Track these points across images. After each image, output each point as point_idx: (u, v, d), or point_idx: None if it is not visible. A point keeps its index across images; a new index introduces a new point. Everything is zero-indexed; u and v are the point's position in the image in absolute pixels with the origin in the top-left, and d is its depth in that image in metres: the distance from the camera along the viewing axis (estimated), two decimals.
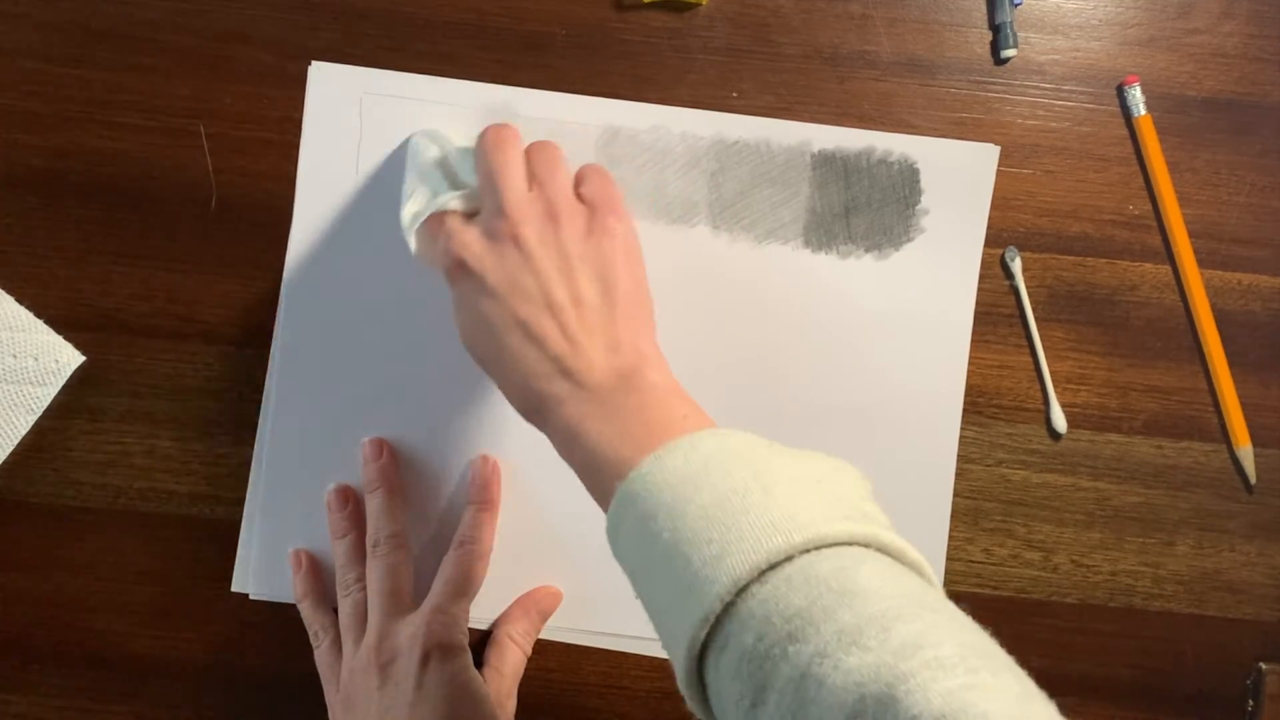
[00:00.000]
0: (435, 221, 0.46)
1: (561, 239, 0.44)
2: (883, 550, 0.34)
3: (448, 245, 0.44)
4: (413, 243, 0.47)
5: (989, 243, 0.53)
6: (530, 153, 0.46)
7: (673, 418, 0.40)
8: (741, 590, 0.33)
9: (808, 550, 0.33)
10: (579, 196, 0.45)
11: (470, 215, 0.46)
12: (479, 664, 0.50)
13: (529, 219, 0.44)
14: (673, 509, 0.35)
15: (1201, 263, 0.54)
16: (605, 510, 0.40)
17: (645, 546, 0.36)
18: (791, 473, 0.36)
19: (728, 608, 0.33)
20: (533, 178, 0.45)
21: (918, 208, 0.53)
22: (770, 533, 0.33)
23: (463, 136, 0.50)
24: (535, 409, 0.43)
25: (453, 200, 0.46)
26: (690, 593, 0.34)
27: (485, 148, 0.46)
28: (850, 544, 0.34)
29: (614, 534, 0.39)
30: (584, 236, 0.44)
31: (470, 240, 0.44)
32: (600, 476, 0.40)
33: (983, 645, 0.31)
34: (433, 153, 0.49)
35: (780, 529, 0.33)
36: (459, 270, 0.44)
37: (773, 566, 0.33)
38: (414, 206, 0.47)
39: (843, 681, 0.29)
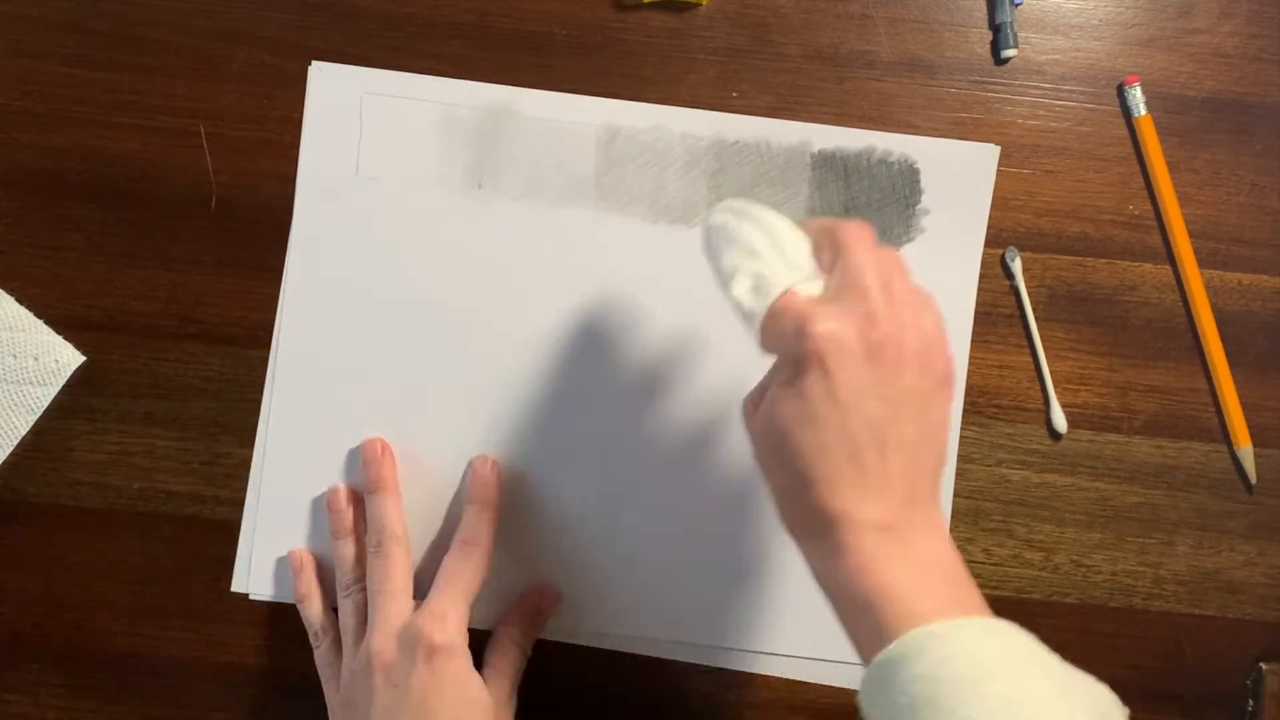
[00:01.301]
0: (786, 306, 0.42)
1: (917, 374, 0.41)
2: None
3: (812, 332, 0.40)
4: (750, 321, 0.43)
5: (989, 243, 0.53)
6: (883, 260, 0.42)
7: (969, 591, 0.40)
8: None
9: None
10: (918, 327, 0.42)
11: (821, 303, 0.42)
12: (479, 664, 0.50)
13: (898, 342, 0.40)
14: (964, 685, 0.35)
15: (1201, 263, 0.54)
16: (865, 654, 0.39)
17: (921, 708, 0.36)
18: (1077, 699, 0.37)
19: None
20: (889, 290, 0.41)
21: (918, 208, 0.53)
22: None
23: (774, 215, 0.44)
24: (821, 526, 0.40)
25: (804, 283, 0.42)
26: None
27: (854, 240, 0.42)
28: None
29: (880, 679, 0.38)
30: (937, 388, 0.41)
31: (842, 338, 0.40)
32: (878, 618, 0.38)
33: None
34: (754, 230, 0.44)
35: None
36: (815, 364, 0.40)
37: None
38: (748, 280, 0.43)
39: None
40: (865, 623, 0.39)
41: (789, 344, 0.41)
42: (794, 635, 0.53)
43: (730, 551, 0.53)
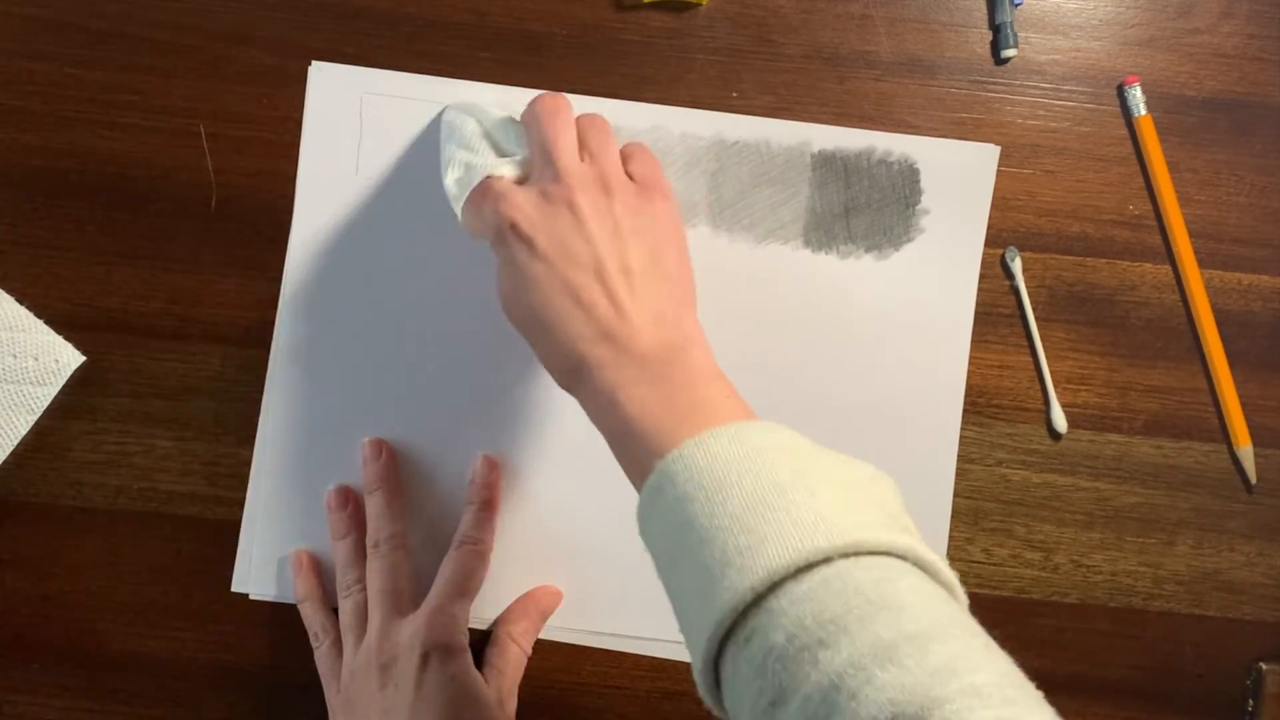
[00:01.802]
0: (482, 188, 0.46)
1: (614, 210, 0.44)
2: (918, 564, 0.34)
3: (499, 207, 0.44)
4: (458, 208, 0.47)
5: (989, 243, 0.53)
6: (581, 124, 0.46)
7: (716, 399, 0.40)
8: (775, 586, 0.33)
9: (847, 555, 0.33)
10: (628, 173, 0.46)
11: (518, 182, 0.46)
12: (479, 664, 0.50)
13: (584, 187, 0.44)
14: (713, 494, 0.35)
15: (1201, 263, 0.54)
16: (636, 483, 0.39)
17: (678, 529, 0.36)
18: (835, 475, 0.36)
19: (758, 601, 0.33)
20: (584, 148, 0.45)
21: (918, 208, 0.53)
22: (811, 532, 0.33)
23: (498, 108, 0.50)
24: (575, 372, 0.43)
25: (503, 166, 0.46)
26: (720, 580, 0.33)
27: (540, 114, 0.46)
28: (889, 554, 0.33)
29: (645, 511, 0.38)
30: (635, 211, 0.44)
31: (523, 203, 0.44)
32: (635, 446, 0.39)
33: (1017, 676, 0.30)
34: (471, 124, 0.49)
35: (822, 530, 0.33)
36: (510, 232, 0.44)
37: (810, 566, 0.33)
38: (458, 172, 0.47)
39: (876, 697, 0.29)
40: (631, 458, 0.40)
41: (489, 224, 0.45)
42: None
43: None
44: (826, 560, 0.33)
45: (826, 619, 0.31)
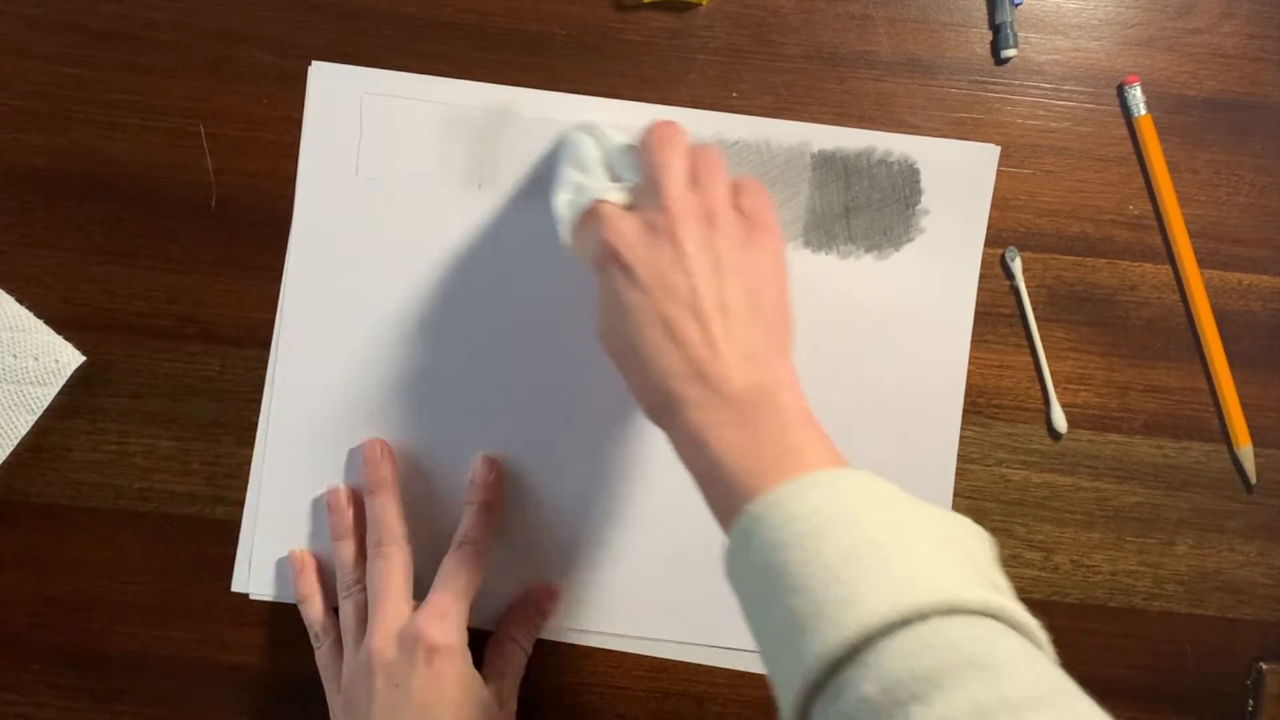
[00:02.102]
0: (590, 212, 0.46)
1: (717, 244, 0.43)
2: (1012, 624, 0.33)
3: (602, 233, 0.44)
4: (565, 230, 0.47)
5: (989, 243, 0.53)
6: (695, 154, 0.45)
7: (807, 445, 0.39)
8: (869, 640, 0.32)
9: (943, 613, 0.32)
10: (737, 207, 0.45)
11: (627, 209, 0.45)
12: (479, 664, 0.50)
13: (688, 219, 0.43)
14: (806, 543, 0.35)
15: (1201, 263, 0.54)
16: (723, 524, 0.39)
17: (768, 575, 0.35)
18: (931, 530, 0.36)
19: (851, 654, 0.32)
20: (694, 179, 0.45)
21: (918, 208, 0.53)
22: (908, 588, 0.33)
23: (620, 133, 0.49)
24: (664, 408, 0.42)
25: (612, 191, 0.46)
26: (813, 632, 0.33)
27: (651, 142, 0.45)
28: (984, 614, 0.33)
29: (734, 555, 0.38)
30: (739, 246, 0.43)
31: (626, 230, 0.43)
32: (724, 489, 0.39)
33: None
34: (589, 146, 0.49)
35: (918, 586, 0.33)
36: (610, 259, 0.43)
37: (905, 623, 0.32)
38: (569, 194, 0.47)
39: None
40: (719, 499, 0.40)
41: (592, 249, 0.44)
42: None
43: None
44: (923, 617, 0.32)
45: (921, 675, 0.31)
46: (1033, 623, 0.34)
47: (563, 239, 0.47)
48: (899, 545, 0.34)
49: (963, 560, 0.35)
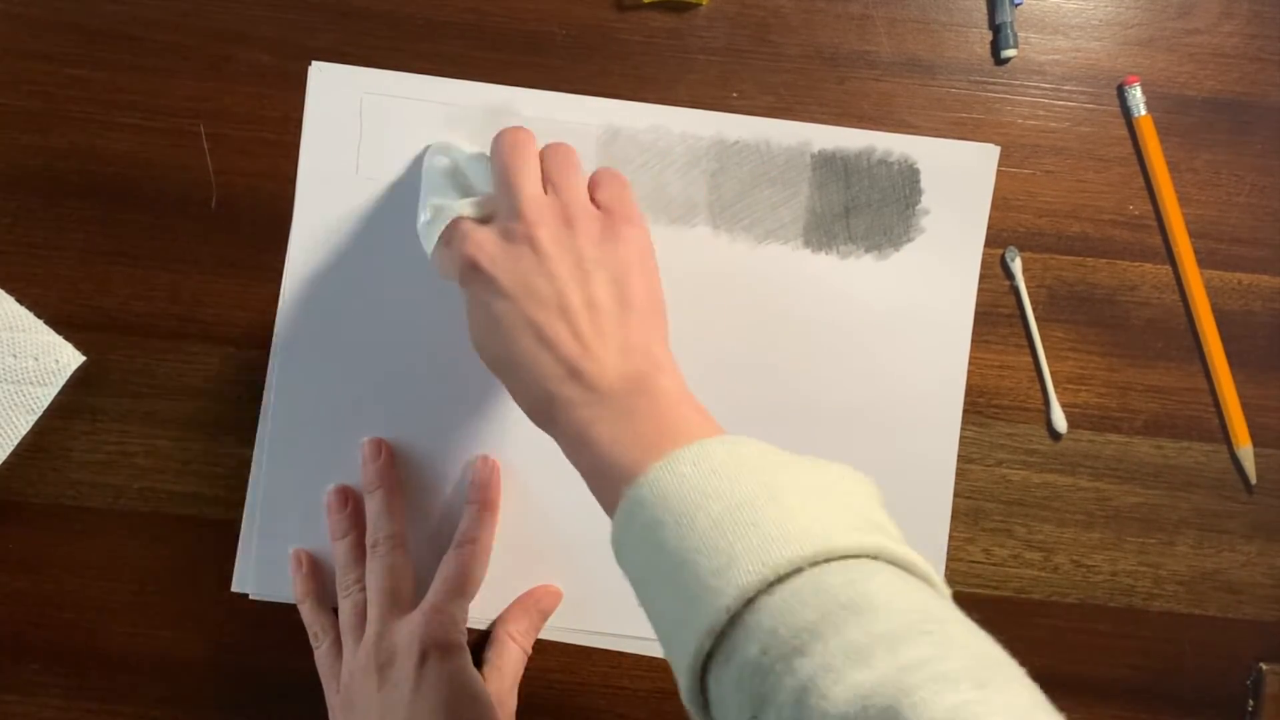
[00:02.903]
0: (449, 229, 0.46)
1: (577, 243, 0.43)
2: (892, 562, 0.34)
3: (462, 247, 0.44)
4: (428, 250, 0.47)
5: (989, 243, 0.53)
6: (545, 155, 0.46)
7: (684, 424, 0.40)
8: (749, 602, 0.33)
9: (817, 562, 0.33)
10: (594, 201, 0.45)
11: (484, 221, 0.46)
12: (479, 663, 0.50)
13: (544, 221, 0.43)
14: (681, 517, 0.35)
15: (1201, 263, 0.54)
16: (610, 514, 0.39)
17: (651, 555, 0.36)
18: (802, 482, 0.36)
19: (734, 619, 0.33)
20: (548, 180, 0.45)
21: (918, 208, 0.53)
22: (779, 544, 0.33)
23: (474, 144, 0.50)
24: (545, 412, 0.42)
25: (466, 206, 0.46)
26: (696, 603, 0.33)
27: (501, 149, 0.45)
28: (860, 556, 0.33)
29: (619, 540, 0.38)
30: (599, 241, 0.44)
31: (484, 241, 0.44)
32: (608, 481, 0.39)
33: (993, 656, 0.30)
34: (444, 163, 0.49)
35: (789, 541, 0.33)
36: (472, 272, 0.44)
37: (781, 579, 0.33)
38: (426, 215, 0.47)
39: (846, 695, 0.29)
40: (604, 492, 0.40)
41: (455, 265, 0.45)
42: None
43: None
44: (797, 571, 0.33)
45: (800, 627, 0.31)
46: (914, 557, 0.34)
47: (429, 259, 0.47)
48: (769, 504, 0.34)
49: (836, 507, 0.35)
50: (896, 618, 0.31)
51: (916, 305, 0.53)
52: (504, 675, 0.51)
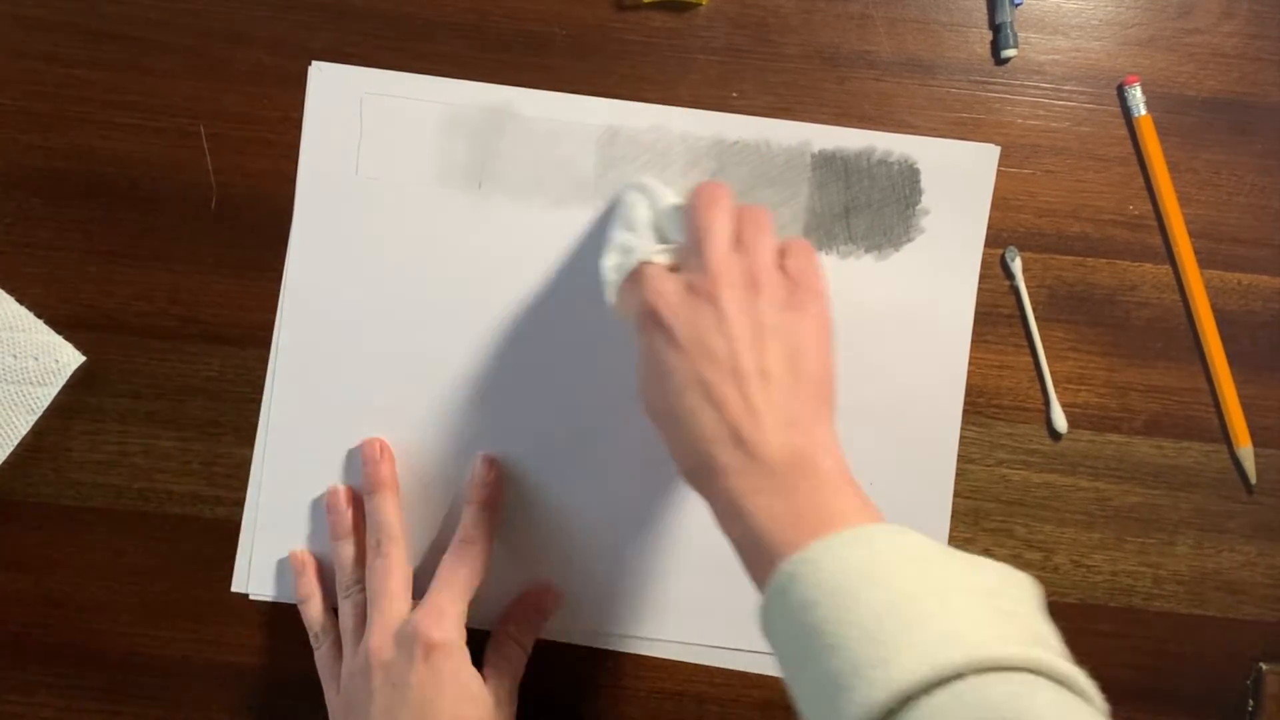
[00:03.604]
0: (636, 271, 0.45)
1: (759, 307, 0.42)
2: (1054, 678, 0.33)
3: (644, 293, 0.44)
4: (610, 292, 0.47)
5: (989, 243, 0.53)
6: (740, 215, 0.45)
7: (845, 507, 0.39)
8: (906, 700, 0.32)
9: (980, 671, 0.32)
10: (782, 268, 0.44)
11: (670, 270, 0.45)
12: (479, 664, 0.50)
13: (731, 282, 0.43)
14: (840, 601, 0.35)
15: (1201, 263, 0.54)
16: (759, 585, 0.39)
17: (803, 634, 0.35)
18: (966, 582, 0.35)
19: (888, 716, 0.32)
20: (739, 239, 0.44)
21: (918, 208, 0.53)
22: (944, 646, 0.32)
23: (673, 194, 0.49)
24: (702, 473, 0.42)
25: (657, 253, 0.46)
26: (849, 692, 0.33)
27: (697, 203, 0.45)
28: (1024, 669, 0.33)
29: (768, 614, 0.38)
30: (781, 309, 0.43)
31: (667, 291, 0.43)
32: (760, 554, 0.39)
33: None
34: (642, 207, 0.48)
35: (955, 643, 0.32)
36: (651, 319, 0.43)
37: (942, 682, 0.32)
38: (616, 256, 0.47)
39: None
40: (755, 564, 0.39)
41: (634, 309, 0.44)
42: None
43: (731, 551, 0.53)
44: (960, 676, 0.32)
45: None
46: (1076, 673, 0.34)
47: (608, 299, 0.47)
48: (935, 601, 0.34)
49: (1001, 613, 0.35)
50: None
51: (916, 305, 0.53)
52: (504, 675, 0.51)
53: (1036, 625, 0.36)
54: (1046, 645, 0.34)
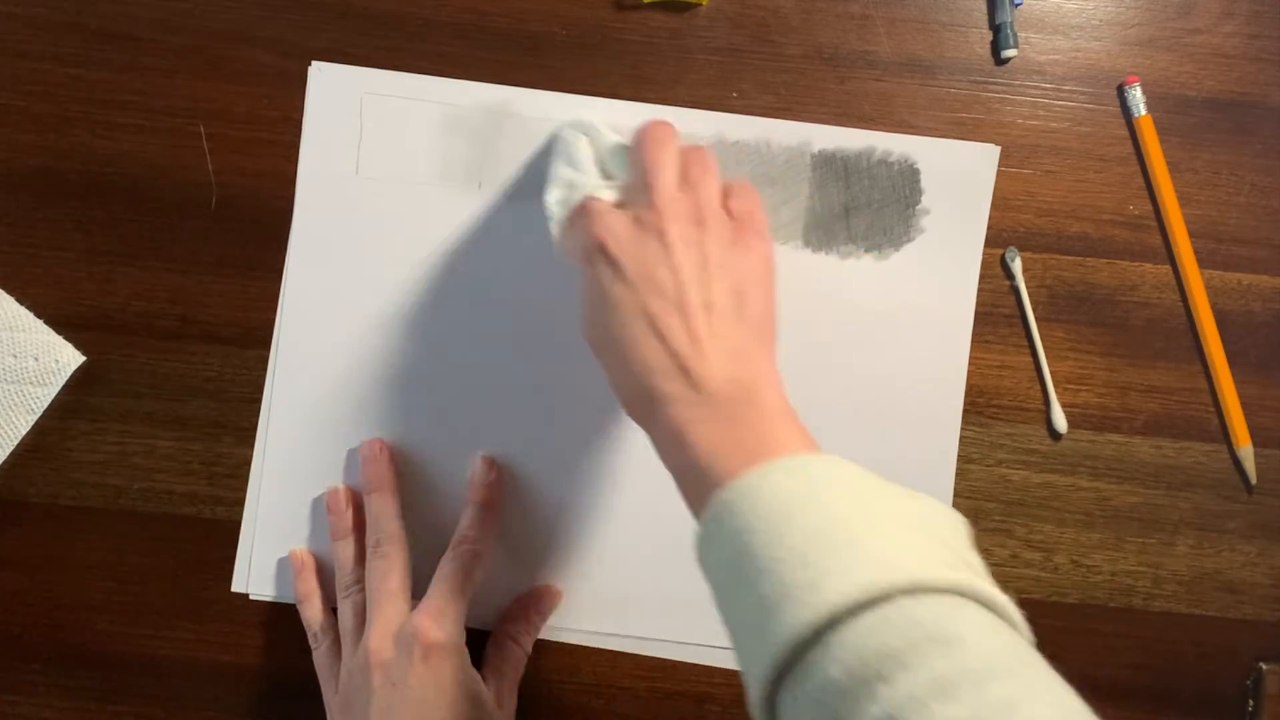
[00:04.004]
0: (579, 208, 0.46)
1: (705, 243, 0.43)
2: (981, 601, 0.34)
3: (591, 227, 0.44)
4: (554, 227, 0.47)
5: (989, 243, 0.53)
6: (685, 155, 0.46)
7: (784, 438, 0.40)
8: (834, 621, 0.32)
9: (909, 592, 0.32)
10: (726, 208, 0.45)
11: (616, 207, 0.46)
12: (479, 664, 0.50)
13: (677, 217, 0.43)
14: (773, 527, 0.35)
15: (1201, 263, 0.54)
16: (696, 514, 0.39)
17: (737, 560, 0.36)
18: (898, 509, 0.36)
19: (817, 635, 0.33)
20: (685, 179, 0.45)
21: (918, 208, 0.53)
22: (873, 568, 0.33)
23: (614, 132, 0.49)
24: (645, 405, 0.42)
25: (603, 189, 0.46)
26: (779, 614, 0.33)
27: (644, 141, 0.45)
28: (951, 592, 0.33)
29: (704, 541, 0.38)
30: (727, 246, 0.43)
31: (615, 225, 0.44)
32: (699, 483, 0.39)
33: (1076, 709, 0.30)
34: (584, 144, 0.49)
35: (883, 566, 0.33)
36: (598, 253, 0.43)
37: (871, 603, 0.32)
38: (560, 191, 0.47)
39: None
40: (694, 492, 0.40)
41: (580, 243, 0.45)
42: None
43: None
44: (887, 597, 0.32)
45: (885, 654, 0.31)
46: (1003, 599, 0.34)
47: (553, 236, 0.48)
48: (866, 527, 0.34)
49: (932, 541, 0.35)
50: (984, 656, 0.31)
51: (916, 305, 0.53)
52: (504, 676, 0.51)
53: (966, 554, 0.36)
54: (975, 572, 0.35)
